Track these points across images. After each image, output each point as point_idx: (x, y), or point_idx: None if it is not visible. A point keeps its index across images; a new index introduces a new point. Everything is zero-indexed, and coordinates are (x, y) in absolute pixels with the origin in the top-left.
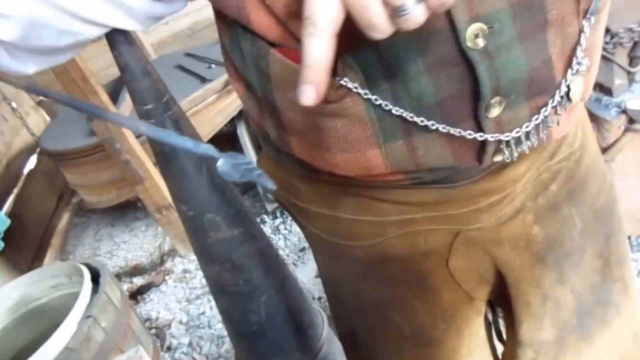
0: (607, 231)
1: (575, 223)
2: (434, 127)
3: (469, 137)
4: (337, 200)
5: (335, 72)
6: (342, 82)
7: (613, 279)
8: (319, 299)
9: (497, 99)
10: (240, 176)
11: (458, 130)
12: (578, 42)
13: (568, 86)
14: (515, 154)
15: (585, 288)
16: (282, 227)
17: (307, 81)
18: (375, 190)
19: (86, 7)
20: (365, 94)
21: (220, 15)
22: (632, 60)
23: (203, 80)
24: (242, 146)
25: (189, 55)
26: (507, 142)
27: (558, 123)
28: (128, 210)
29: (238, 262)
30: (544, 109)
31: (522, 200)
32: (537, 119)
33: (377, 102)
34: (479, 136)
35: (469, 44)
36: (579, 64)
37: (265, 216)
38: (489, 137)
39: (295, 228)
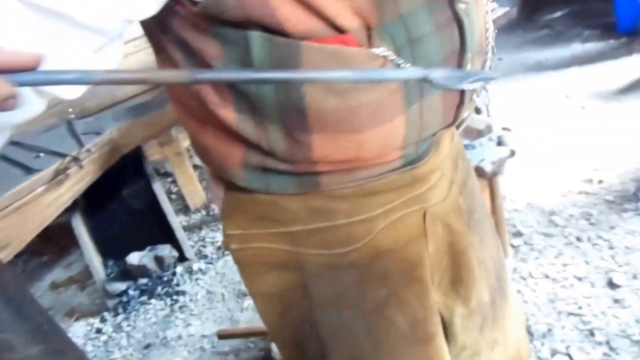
0: (487, 211)
1: (477, 196)
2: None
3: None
4: (330, 208)
5: (371, 45)
6: (378, 52)
7: (500, 244)
8: None
9: (470, 54)
10: (459, 83)
11: None
12: (487, 12)
13: (493, 47)
14: (487, 102)
15: (494, 252)
16: (124, 323)
17: None
18: (364, 187)
19: None
20: (397, 60)
21: (217, 37)
22: None
23: (30, 170)
24: (77, 237)
25: (14, 143)
26: (477, 91)
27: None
28: None
29: None
30: (485, 64)
31: (450, 175)
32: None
33: (405, 66)
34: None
35: (460, 5)
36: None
37: (105, 313)
38: (470, 86)
39: (140, 323)
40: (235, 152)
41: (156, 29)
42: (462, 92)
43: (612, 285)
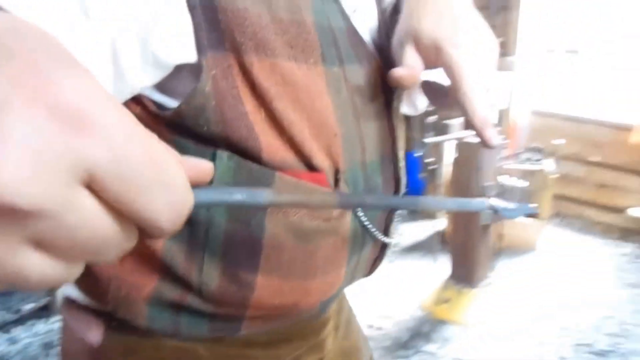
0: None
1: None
2: (378, 237)
3: (387, 241)
4: (243, 355)
5: (337, 187)
6: None
7: None
8: None
9: (398, 212)
10: (515, 214)
11: (387, 236)
12: None
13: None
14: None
15: None
16: None
17: (492, 126)
18: (279, 333)
19: None
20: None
21: (176, 148)
22: None
23: None
24: None
25: None
26: (394, 245)
27: None
28: None
29: None
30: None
31: (335, 319)
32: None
33: (359, 215)
34: (391, 240)
35: (400, 164)
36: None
37: None
38: (393, 240)
39: None
40: (145, 284)
41: None
42: (384, 246)
43: None
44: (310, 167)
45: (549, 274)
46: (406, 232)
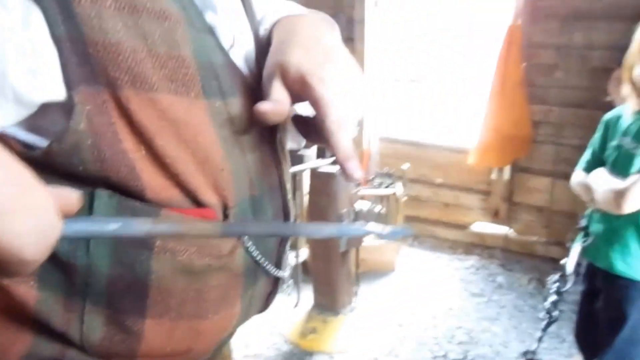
0: None
1: None
2: (271, 270)
3: (280, 274)
4: None
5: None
6: None
7: None
8: None
9: (288, 246)
10: (395, 236)
11: (279, 269)
12: None
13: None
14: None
15: None
16: None
17: (354, 160)
18: None
19: None
20: (246, 242)
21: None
22: None
23: None
24: None
25: None
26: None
27: None
28: None
29: None
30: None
31: None
32: None
33: (250, 250)
34: (284, 273)
35: (289, 196)
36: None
37: None
38: (286, 273)
39: None
40: (18, 342)
41: None
42: (277, 280)
43: None
44: (198, 203)
45: (406, 293)
46: None
